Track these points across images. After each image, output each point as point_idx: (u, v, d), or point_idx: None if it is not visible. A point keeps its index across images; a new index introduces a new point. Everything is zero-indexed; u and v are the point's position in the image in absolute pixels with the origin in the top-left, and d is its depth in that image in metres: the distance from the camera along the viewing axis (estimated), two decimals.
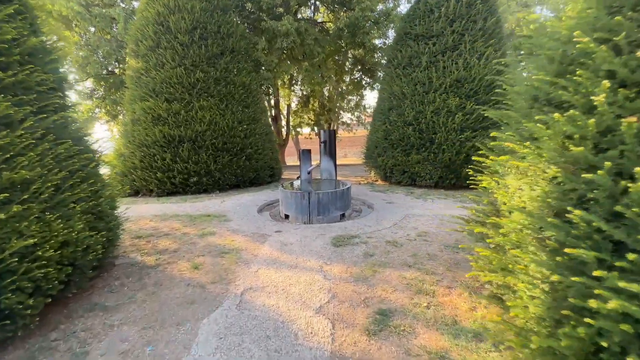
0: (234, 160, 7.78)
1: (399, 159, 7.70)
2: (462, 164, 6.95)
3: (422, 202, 6.10)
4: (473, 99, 7.03)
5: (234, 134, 7.83)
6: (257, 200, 6.58)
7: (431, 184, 7.33)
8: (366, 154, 9.42)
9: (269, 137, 9.23)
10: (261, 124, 8.79)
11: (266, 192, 7.61)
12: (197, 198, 6.98)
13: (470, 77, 7.04)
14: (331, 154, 6.53)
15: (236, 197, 6.91)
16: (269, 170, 9.04)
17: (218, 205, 6.15)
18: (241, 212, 5.52)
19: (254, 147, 8.28)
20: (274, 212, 5.86)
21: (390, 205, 5.84)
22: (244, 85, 8.39)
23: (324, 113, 17.42)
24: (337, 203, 5.12)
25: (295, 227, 4.55)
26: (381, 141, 8.26)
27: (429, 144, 7.26)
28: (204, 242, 3.95)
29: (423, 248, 3.56)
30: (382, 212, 5.31)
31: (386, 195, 6.84)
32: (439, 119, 7.12)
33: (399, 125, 7.67)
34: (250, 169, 8.19)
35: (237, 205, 6.10)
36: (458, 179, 7.07)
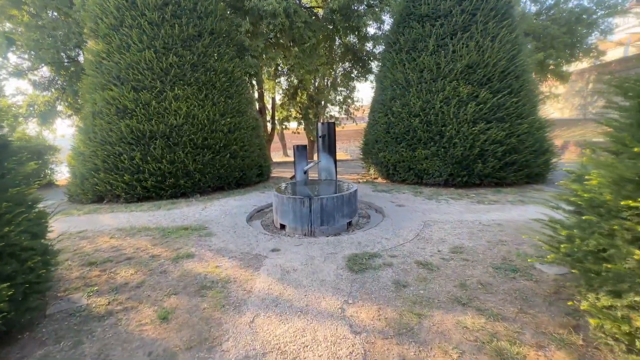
0: (217, 159, 6.76)
1: (403, 154, 6.91)
2: (475, 159, 6.24)
3: (435, 204, 5.34)
4: (487, 86, 6.30)
5: (215, 129, 6.79)
6: (245, 205, 5.62)
7: (440, 182, 6.60)
8: (364, 149, 8.60)
9: (256, 131, 8.23)
10: (247, 116, 7.77)
11: (255, 194, 6.65)
12: (173, 204, 5.94)
13: (483, 61, 6.31)
14: (330, 151, 5.65)
15: (220, 202, 5.92)
16: (257, 169, 8.06)
17: (198, 214, 5.15)
18: (227, 223, 4.57)
19: (239, 143, 7.27)
20: (266, 220, 4.93)
21: (402, 210, 5.04)
22: (226, 73, 7.33)
23: (312, 106, 16.45)
24: (343, 209, 4.26)
25: (296, 243, 3.66)
26: (382, 135, 7.44)
27: (438, 137, 6.50)
28: (179, 270, 3.00)
29: (467, 272, 2.76)
30: (395, 219, 4.51)
31: (392, 197, 6.05)
32: (449, 109, 6.36)
33: (404, 116, 6.86)
34: (236, 168, 7.19)
35: (222, 213, 5.12)
36: (470, 176, 6.36)
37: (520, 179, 6.40)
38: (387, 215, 4.70)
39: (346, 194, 4.26)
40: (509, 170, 6.27)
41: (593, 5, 15.35)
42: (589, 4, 15.41)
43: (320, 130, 5.54)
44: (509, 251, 3.19)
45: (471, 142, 6.18)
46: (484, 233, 3.79)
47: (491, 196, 5.85)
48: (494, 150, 6.12)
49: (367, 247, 3.44)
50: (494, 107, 6.22)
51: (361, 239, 3.72)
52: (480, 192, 6.18)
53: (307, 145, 5.73)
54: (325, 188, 4.92)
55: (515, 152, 6.25)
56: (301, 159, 5.69)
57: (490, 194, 6.03)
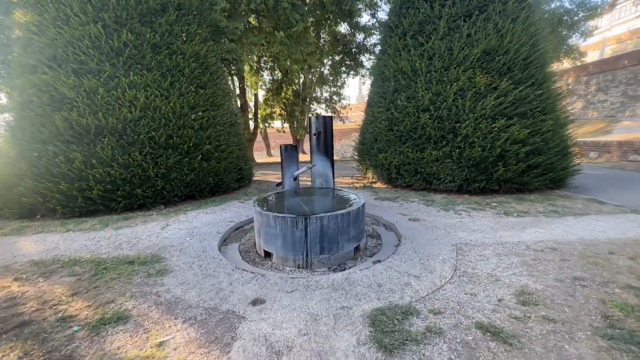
0: (185, 162, 5.50)
1: (409, 155, 5.90)
2: (495, 161, 5.32)
3: (456, 218, 4.36)
4: (507, 76, 5.40)
5: (183, 124, 5.53)
6: (219, 221, 4.42)
7: (453, 189, 5.64)
8: (360, 149, 7.55)
9: (234, 128, 7.00)
10: (224, 111, 6.53)
11: (233, 204, 5.44)
12: (126, 220, 4.65)
13: (503, 47, 5.39)
14: (327, 152, 4.54)
15: (188, 217, 4.69)
16: (236, 172, 6.83)
17: (156, 235, 3.91)
18: (191, 249, 3.37)
19: (213, 142, 6.02)
20: (246, 243, 3.77)
21: (418, 226, 4.02)
22: (197, 57, 6.07)
23: (298, 103, 15.30)
24: (349, 231, 3.17)
25: (288, 287, 2.52)
26: (384, 133, 6.41)
27: (452, 135, 5.54)
28: (95, 353, 1.80)
29: (566, 348, 1.73)
30: (414, 240, 3.46)
31: (400, 207, 5.02)
32: (465, 103, 5.41)
33: (410, 111, 5.86)
34: (210, 172, 5.95)
35: (188, 233, 3.91)
36: (488, 181, 5.44)
37: (544, 185, 5.55)
38: (404, 235, 3.65)
39: (353, 211, 3.17)
40: (532, 174, 5.39)
41: (575, 7, 15.26)
42: (570, 5, 15.36)
43: (314, 126, 4.43)
44: (602, 299, 2.20)
45: (491, 141, 5.25)
46: (542, 264, 2.81)
47: (516, 205, 4.94)
48: (516, 151, 5.22)
49: (393, 293, 2.36)
50: (516, 101, 5.32)
51: (380, 276, 2.64)
52: (501, 200, 5.27)
53: (296, 145, 4.60)
54: (322, 200, 3.81)
55: (539, 153, 5.39)
56: (290, 161, 4.55)
57: (513, 202, 5.12)
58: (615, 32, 26.27)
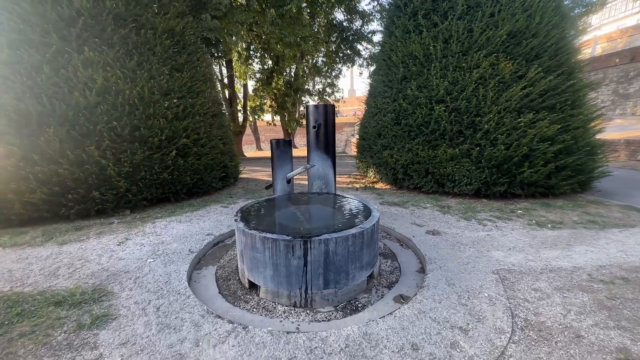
0: (156, 158, 4.58)
1: (419, 153, 5.14)
2: (520, 162, 4.61)
3: (482, 230, 3.63)
4: (535, 63, 4.66)
5: (154, 113, 4.59)
6: (194, 233, 3.55)
7: (469, 192, 4.91)
8: (361, 145, 6.75)
9: (218, 119, 6.08)
10: (205, 98, 5.61)
11: (214, 210, 4.57)
12: (78, 230, 3.74)
13: (531, 29, 4.65)
14: (328, 149, 3.72)
15: (156, 227, 3.80)
16: (220, 170, 5.94)
17: (108, 255, 3.03)
18: (151, 280, 2.51)
19: (192, 135, 5.11)
20: (226, 265, 2.92)
21: (441, 242, 3.26)
22: (172, 34, 5.12)
23: (290, 94, 14.34)
24: (362, 257, 2.38)
25: (282, 354, 1.72)
26: (389, 127, 5.61)
27: (471, 131, 4.79)
28: None
29: None
30: (444, 265, 2.70)
31: (412, 214, 4.26)
32: (487, 93, 4.65)
33: (422, 102, 5.07)
34: (187, 170, 5.05)
35: (151, 252, 3.04)
36: (511, 184, 4.73)
37: (571, 188, 4.88)
38: (428, 258, 2.88)
39: (367, 229, 2.37)
40: (560, 176, 4.71)
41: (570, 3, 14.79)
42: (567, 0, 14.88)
43: (312, 117, 3.59)
44: None
45: (516, 138, 4.53)
46: (626, 306, 2.08)
47: (545, 213, 4.25)
48: (544, 149, 4.52)
49: None
50: (544, 92, 4.60)
51: (412, 330, 1.86)
52: (525, 206, 4.58)
53: (290, 140, 3.76)
54: (323, 211, 3.00)
55: (568, 152, 4.70)
56: (282, 160, 3.71)
57: (540, 209, 4.44)
58: (606, 31, 26.13)
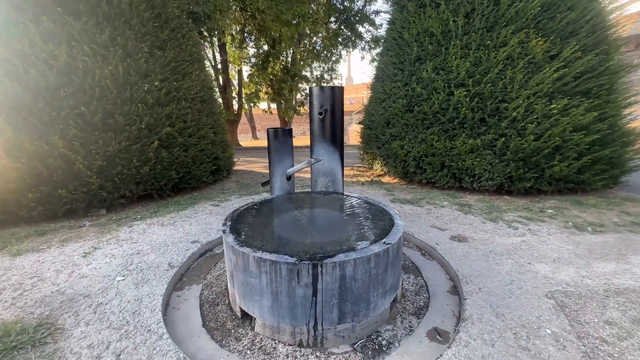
0: (135, 149, 3.97)
1: (435, 144, 4.57)
2: (550, 155, 4.07)
3: (515, 235, 3.12)
4: (572, 40, 4.07)
5: (131, 97, 3.96)
6: (177, 240, 2.99)
7: (490, 188, 4.39)
8: (366, 134, 6.16)
9: (208, 106, 5.44)
10: (192, 81, 4.95)
11: (203, 209, 4.01)
12: (40, 235, 3.17)
13: (566, 1, 4.03)
14: (335, 139, 3.13)
15: (132, 232, 3.23)
16: (211, 162, 5.34)
17: (69, 270, 2.46)
18: (115, 310, 1.96)
19: (177, 124, 4.49)
20: (214, 284, 2.38)
21: (470, 250, 2.74)
22: (152, 5, 4.42)
23: (287, 80, 13.58)
24: (386, 280, 1.85)
25: None
26: (400, 114, 5.02)
27: (495, 119, 4.22)
28: None
29: None
30: (483, 285, 2.18)
31: (429, 214, 3.74)
32: (515, 76, 4.06)
33: (439, 86, 4.46)
34: (172, 163, 4.45)
35: (122, 267, 2.48)
36: (538, 179, 4.21)
37: (605, 184, 4.38)
38: (461, 275, 2.35)
39: (393, 245, 1.83)
40: (593, 170, 4.20)
41: None
42: None
43: (317, 101, 3.00)
44: None
45: (548, 127, 3.98)
46: None
47: (580, 213, 3.75)
48: (578, 140, 3.98)
49: None
50: (580, 74, 4.03)
51: None
52: (554, 204, 4.07)
53: (290, 130, 3.16)
54: (332, 217, 2.44)
55: (603, 143, 4.17)
56: (282, 152, 3.13)
57: (572, 207, 3.94)
58: None
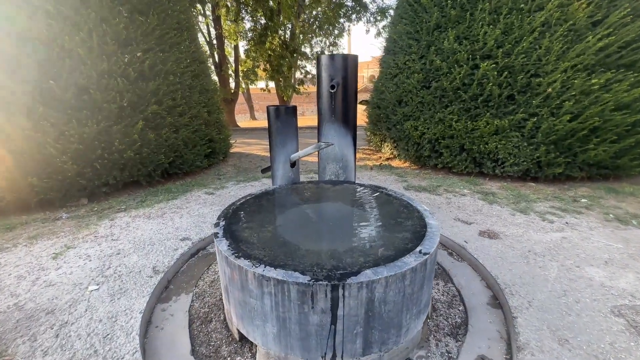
0: (117, 131, 3.49)
1: (454, 125, 4.09)
2: (584, 138, 3.62)
3: (552, 230, 2.73)
4: (622, 2, 3.50)
5: (109, 70, 3.43)
6: (164, 237, 2.58)
7: (514, 174, 3.96)
8: (373, 113, 5.65)
9: (200, 82, 4.89)
10: (181, 53, 4.38)
11: (196, 198, 3.58)
12: (8, 232, 2.76)
13: None
14: (346, 119, 2.66)
15: (114, 227, 2.82)
16: (205, 145, 4.87)
17: (34, 277, 2.06)
18: (85, 330, 1.57)
19: (165, 101, 3.97)
20: (206, 294, 1.98)
21: (505, 250, 2.35)
22: None
23: (286, 55, 12.79)
24: (421, 298, 1.45)
25: None
26: (415, 92, 4.50)
27: (526, 96, 3.72)
28: None
29: None
30: (532, 298, 1.80)
31: (450, 204, 3.33)
32: (553, 46, 3.53)
33: (462, 58, 3.92)
34: (161, 146, 3.98)
35: (97, 272, 2.08)
36: (569, 165, 3.78)
37: None
38: (501, 282, 1.97)
39: (431, 255, 1.42)
40: (631, 154, 3.76)
41: None
42: None
43: (327, 72, 2.52)
44: None
45: (586, 105, 3.49)
46: None
47: (617, 202, 3.35)
48: (619, 121, 3.51)
49: None
50: (626, 44, 3.50)
51: None
52: (586, 192, 3.67)
53: (295, 107, 2.68)
54: (348, 214, 2.01)
55: None
56: (285, 134, 2.65)
57: (608, 196, 3.53)
58: None
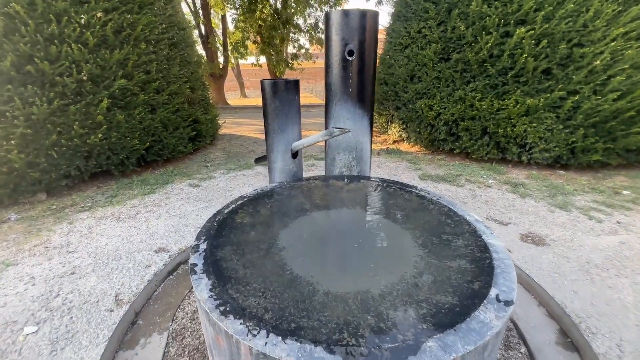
0: (75, 111, 2.84)
1: (476, 104, 3.55)
2: (628, 121, 3.13)
3: (600, 229, 2.31)
4: None
5: (60, 35, 2.73)
6: (133, 249, 2.05)
7: (544, 161, 3.49)
8: (379, 91, 5.03)
9: (181, 52, 4.17)
10: (154, 15, 3.64)
11: (177, 192, 3.03)
12: None
13: None
14: (363, 97, 2.09)
15: (72, 233, 2.27)
16: (189, 127, 4.23)
17: None
18: None
19: (136, 76, 3.30)
20: (187, 334, 1.49)
21: (559, 261, 1.91)
22: None
23: (278, 26, 11.78)
24: None
25: None
26: (430, 65, 3.89)
27: (568, 70, 3.16)
28: None
29: None
30: (620, 342, 1.36)
31: (475, 199, 2.86)
32: (602, 9, 2.94)
33: (491, 24, 3.31)
34: (135, 130, 3.34)
35: (42, 301, 1.56)
36: (607, 151, 3.31)
37: None
38: (571, 311, 1.52)
39: (511, 307, 0.94)
40: None
41: None
42: None
43: (340, 36, 1.93)
44: None
45: (638, 81, 2.98)
46: None
47: None
48: None
49: None
50: None
51: None
52: (624, 182, 3.23)
53: (298, 81, 2.09)
54: (374, 230, 1.49)
55: None
56: (285, 116, 2.07)
57: None
58: None
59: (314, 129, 6.69)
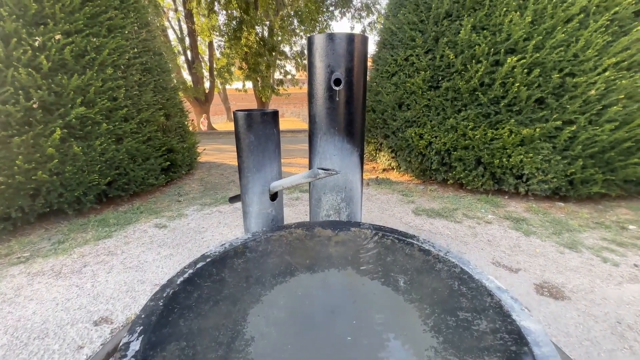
0: (20, 143, 2.45)
1: (469, 133, 3.37)
2: (626, 151, 3.01)
3: (619, 276, 2.06)
4: None
5: (6, 57, 2.39)
6: (69, 317, 1.62)
7: (542, 193, 3.29)
8: (368, 118, 4.87)
9: (157, 79, 3.87)
10: (125, 40, 3.37)
11: (140, 235, 2.61)
12: None
13: None
14: (352, 130, 1.82)
15: None
16: (161, 157, 3.87)
17: None
18: None
19: (99, 103, 2.96)
20: None
21: (585, 321, 1.61)
22: None
23: (263, 53, 11.83)
24: None
25: None
26: (419, 93, 3.75)
27: (562, 100, 3.05)
28: None
29: None
30: None
31: (475, 237, 2.59)
32: (592, 39, 2.88)
33: (481, 53, 3.21)
34: (95, 162, 2.95)
35: None
36: (607, 181, 3.16)
37: None
38: None
39: None
40: None
41: None
42: None
43: (325, 62, 1.69)
44: None
45: (635, 110, 2.88)
46: None
47: None
48: None
49: None
50: None
51: None
52: (627, 215, 3.06)
53: (277, 112, 1.82)
54: (376, 306, 1.14)
55: None
56: (261, 152, 1.77)
57: None
58: None
59: (300, 155, 6.43)
